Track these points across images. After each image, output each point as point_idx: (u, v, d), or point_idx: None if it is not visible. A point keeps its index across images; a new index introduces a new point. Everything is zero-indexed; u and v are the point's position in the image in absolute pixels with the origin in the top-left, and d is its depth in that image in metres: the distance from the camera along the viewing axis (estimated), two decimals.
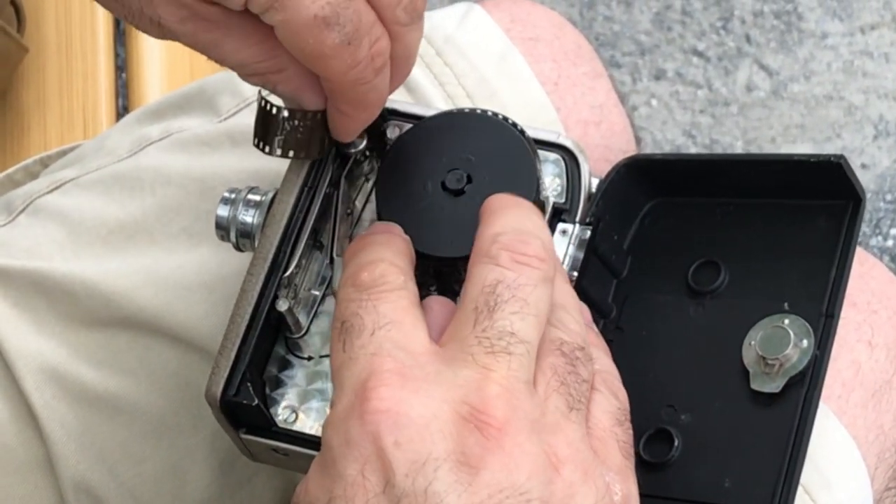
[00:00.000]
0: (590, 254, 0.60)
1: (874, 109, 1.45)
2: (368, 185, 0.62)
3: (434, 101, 0.73)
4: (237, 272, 0.61)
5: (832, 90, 1.46)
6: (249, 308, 0.58)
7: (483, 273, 0.53)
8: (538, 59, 0.75)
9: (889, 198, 1.43)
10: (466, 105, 0.73)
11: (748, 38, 1.49)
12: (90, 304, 0.70)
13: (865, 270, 0.71)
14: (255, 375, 0.58)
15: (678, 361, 0.59)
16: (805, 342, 0.56)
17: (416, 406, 0.50)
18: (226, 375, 0.57)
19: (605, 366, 0.55)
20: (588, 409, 0.53)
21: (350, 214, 0.61)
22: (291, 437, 0.59)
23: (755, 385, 0.56)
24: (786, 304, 0.57)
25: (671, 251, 0.61)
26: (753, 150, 1.44)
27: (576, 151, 0.62)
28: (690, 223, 0.61)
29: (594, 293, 0.60)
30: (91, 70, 0.95)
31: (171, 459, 0.69)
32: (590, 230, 0.60)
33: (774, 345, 0.56)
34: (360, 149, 0.60)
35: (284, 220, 0.59)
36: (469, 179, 0.59)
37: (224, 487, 0.69)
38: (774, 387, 0.56)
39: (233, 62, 0.56)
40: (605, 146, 0.76)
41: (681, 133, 1.45)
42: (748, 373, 0.56)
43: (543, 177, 0.60)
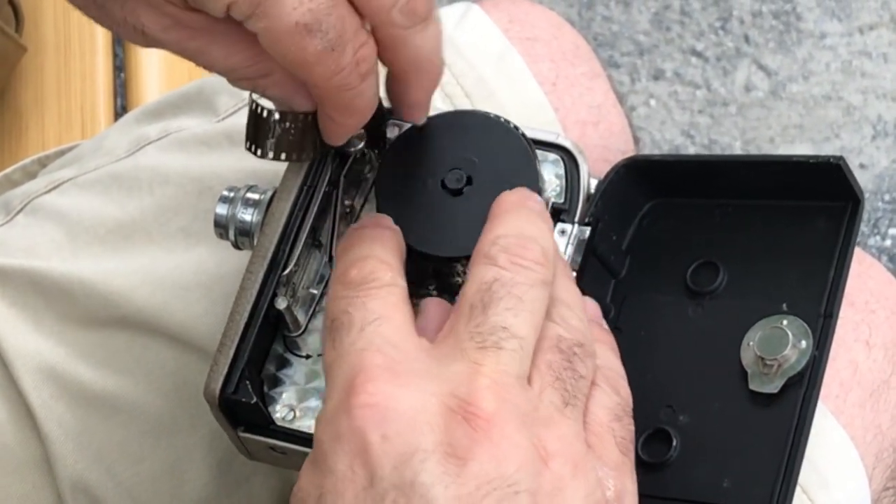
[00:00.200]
0: (588, 254, 0.60)
1: (872, 110, 1.45)
2: (367, 184, 0.62)
3: (432, 101, 0.73)
4: (235, 272, 0.61)
5: (831, 90, 1.46)
6: (248, 306, 0.58)
7: (481, 273, 0.53)
8: (536, 60, 0.75)
9: (887, 198, 1.43)
10: (465, 105, 0.73)
11: (747, 39, 1.49)
12: (88, 304, 0.70)
13: (863, 270, 0.71)
14: (254, 373, 0.58)
15: (677, 362, 0.59)
16: (803, 343, 0.56)
17: (404, 400, 0.50)
18: (224, 373, 0.57)
19: (609, 361, 0.55)
20: (586, 405, 0.53)
21: (349, 213, 0.61)
22: (289, 436, 0.59)
23: (753, 385, 0.56)
24: (784, 305, 0.57)
25: (670, 252, 0.61)
26: (752, 151, 1.44)
27: (575, 152, 0.62)
28: (689, 224, 0.61)
29: (593, 293, 0.60)
30: (89, 70, 0.95)
31: (169, 459, 0.69)
32: (589, 230, 0.60)
33: (773, 345, 0.56)
34: (360, 148, 0.60)
35: (283, 219, 0.59)
36: (468, 179, 0.59)
37: (222, 487, 0.69)
38: (773, 387, 0.56)
39: (221, 68, 0.56)
40: (604, 146, 0.76)
41: (679, 133, 1.45)
42: (746, 373, 0.56)
43: (543, 177, 0.60)
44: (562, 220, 0.60)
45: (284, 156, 0.58)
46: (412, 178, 0.59)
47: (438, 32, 0.56)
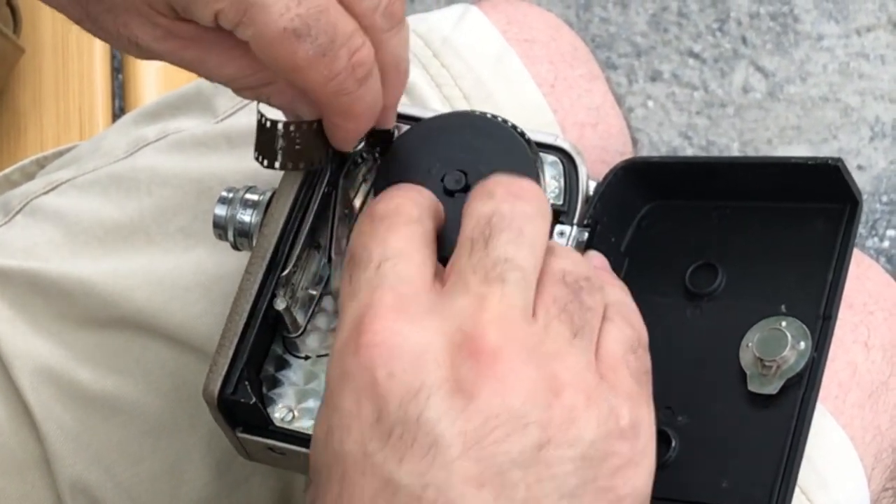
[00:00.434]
0: None
1: (870, 111, 1.46)
2: (367, 186, 0.62)
3: (431, 103, 0.73)
4: (234, 273, 0.61)
5: (828, 92, 1.47)
6: (247, 306, 0.58)
7: (479, 207, 0.53)
8: (535, 61, 0.76)
9: (885, 199, 1.43)
10: (463, 106, 0.73)
11: (744, 40, 1.49)
12: (87, 304, 0.70)
13: (862, 272, 0.71)
14: (253, 374, 0.58)
15: (675, 363, 0.59)
16: (802, 344, 0.56)
17: (411, 337, 0.50)
18: (223, 373, 0.57)
19: (621, 298, 0.55)
20: (598, 339, 0.52)
21: (348, 215, 0.61)
22: (288, 437, 0.59)
23: (752, 387, 0.56)
24: (783, 307, 0.57)
25: (668, 254, 0.61)
26: (750, 152, 1.44)
27: (573, 154, 0.62)
28: (688, 226, 0.61)
29: None
30: (87, 71, 0.95)
31: (168, 459, 0.69)
32: (587, 232, 0.60)
33: (772, 347, 0.56)
34: (359, 149, 0.60)
35: (282, 220, 0.59)
36: (468, 180, 0.59)
37: (221, 487, 0.69)
38: (772, 388, 0.56)
39: (220, 78, 0.56)
40: (602, 148, 0.76)
41: (677, 134, 1.46)
42: (745, 374, 0.56)
43: (544, 178, 0.60)
44: (560, 222, 0.60)
45: (292, 165, 0.58)
46: (412, 179, 0.59)
47: (408, 35, 0.56)
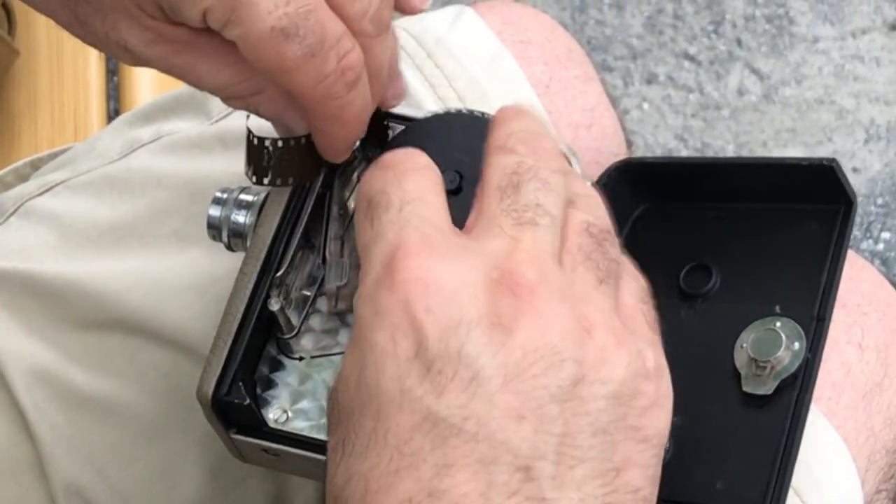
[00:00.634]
0: None
1: (865, 113, 1.46)
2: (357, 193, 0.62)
3: (425, 103, 0.73)
4: (228, 274, 0.61)
5: (823, 94, 1.47)
6: (241, 307, 0.58)
7: (502, 160, 0.53)
8: (529, 62, 0.76)
9: (880, 201, 1.43)
10: (458, 107, 0.73)
11: (739, 42, 1.49)
12: (81, 306, 0.70)
13: (855, 273, 0.71)
14: (247, 375, 0.58)
15: (670, 364, 0.59)
16: (796, 345, 0.56)
17: (446, 273, 0.49)
18: (217, 374, 0.57)
19: (624, 257, 0.55)
20: (617, 288, 0.53)
21: (342, 215, 0.61)
22: (282, 438, 0.58)
23: (747, 387, 0.56)
24: (777, 307, 0.57)
25: (663, 254, 0.61)
26: (745, 154, 1.44)
27: (568, 154, 0.62)
28: (682, 227, 0.61)
29: None
30: (82, 73, 0.95)
31: (162, 462, 0.69)
32: None
33: (766, 347, 0.56)
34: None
35: (276, 221, 0.59)
36: (462, 179, 0.59)
37: (215, 490, 0.69)
38: (766, 389, 0.56)
39: (210, 85, 0.55)
40: (597, 149, 0.76)
41: (672, 137, 1.46)
42: (740, 375, 0.56)
43: None
44: None
45: (282, 181, 0.57)
46: None
47: (395, 44, 0.56)
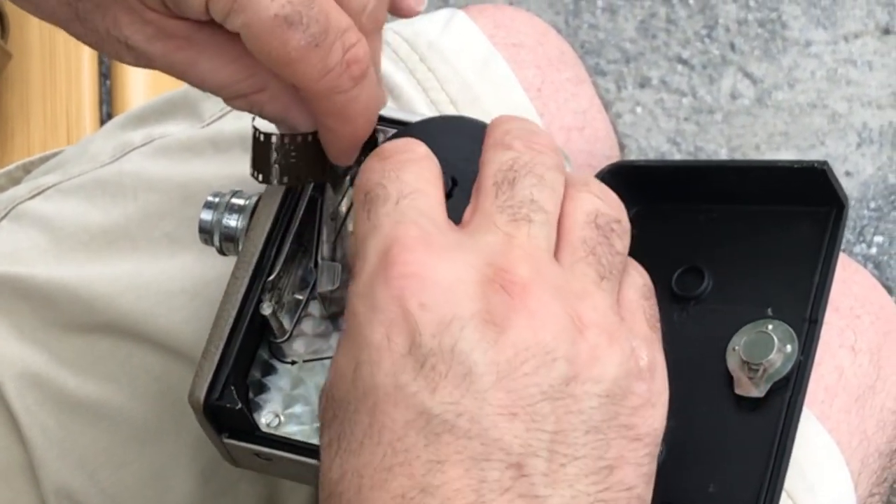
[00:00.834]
0: None
1: (858, 117, 1.46)
2: (353, 190, 0.62)
3: (417, 107, 0.73)
4: (220, 278, 0.61)
5: (816, 98, 1.47)
6: (233, 311, 0.58)
7: (499, 156, 0.53)
8: (522, 65, 0.76)
9: (872, 205, 1.43)
10: (450, 111, 0.73)
11: (732, 47, 1.49)
12: (72, 310, 0.70)
13: (848, 275, 0.71)
14: (239, 379, 0.58)
15: None
16: (789, 347, 0.56)
17: (441, 269, 0.50)
18: (209, 379, 0.57)
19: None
20: (620, 283, 0.53)
21: (334, 219, 0.61)
22: (275, 442, 0.58)
23: (739, 390, 0.56)
24: (769, 310, 0.57)
25: (655, 257, 0.61)
26: (737, 158, 1.44)
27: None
28: (674, 229, 0.61)
29: None
30: (75, 76, 0.95)
31: (154, 466, 0.69)
32: None
33: (758, 350, 0.56)
34: None
35: (269, 224, 0.59)
36: (454, 183, 0.58)
37: (206, 494, 0.69)
38: (758, 392, 0.56)
39: (213, 83, 0.55)
40: (589, 152, 0.76)
41: (665, 140, 1.46)
42: (732, 378, 0.56)
43: None
44: None
45: (287, 180, 0.57)
46: None
47: (382, 42, 0.56)
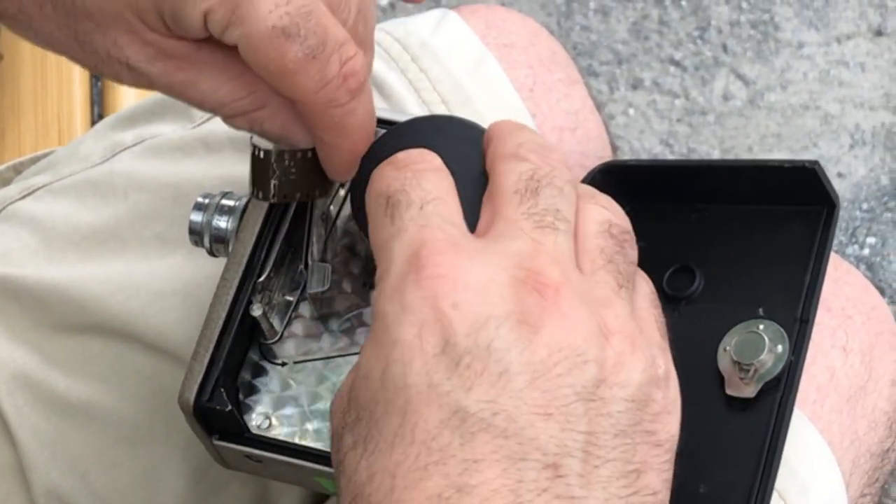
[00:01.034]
0: None
1: (850, 119, 1.46)
2: (342, 191, 0.62)
3: (408, 107, 0.73)
4: (211, 278, 0.61)
5: (808, 99, 1.47)
6: (223, 313, 0.58)
7: (516, 167, 0.53)
8: (513, 66, 0.75)
9: (865, 207, 1.43)
10: (441, 111, 0.73)
11: (725, 48, 1.49)
12: (63, 311, 0.70)
13: (840, 276, 0.71)
14: (229, 381, 0.58)
15: None
16: (780, 347, 0.56)
17: (473, 271, 0.50)
18: (199, 381, 0.57)
19: None
20: (633, 292, 0.53)
21: (325, 220, 0.61)
22: (265, 444, 0.58)
23: (730, 390, 0.56)
24: (760, 310, 0.57)
25: (646, 257, 0.61)
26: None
27: None
28: (665, 229, 0.61)
29: None
30: (66, 77, 0.95)
31: (144, 467, 0.68)
32: None
33: (749, 350, 0.56)
34: None
35: (258, 226, 0.59)
36: None
37: (198, 495, 0.69)
38: (749, 392, 0.56)
39: (213, 102, 0.55)
40: (581, 152, 0.76)
41: (658, 142, 1.46)
42: (723, 378, 0.56)
43: None
44: None
45: (287, 196, 0.57)
46: None
47: (373, 55, 0.56)
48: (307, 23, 0.52)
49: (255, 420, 0.59)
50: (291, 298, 0.60)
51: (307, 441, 0.58)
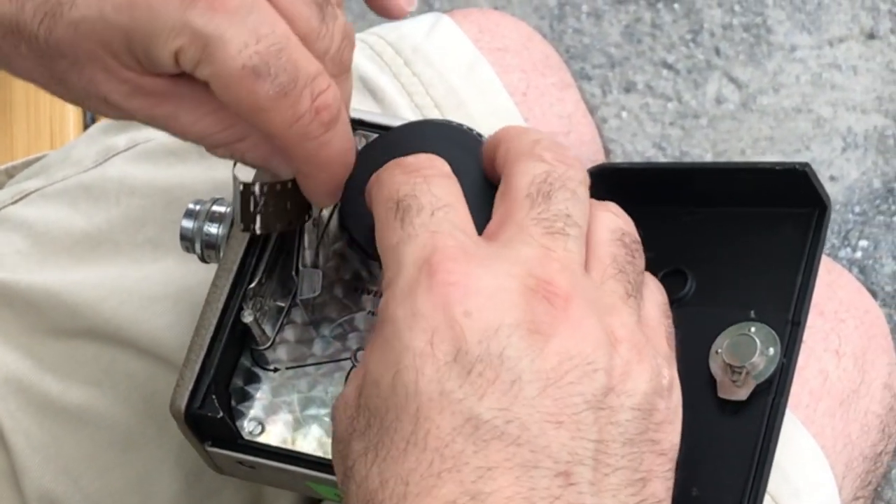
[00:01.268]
0: None
1: (842, 122, 1.46)
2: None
3: (401, 111, 0.73)
4: (203, 283, 0.61)
5: (801, 103, 1.47)
6: (214, 320, 0.58)
7: (531, 167, 0.53)
8: (507, 70, 0.75)
9: (857, 209, 1.43)
10: (434, 115, 0.73)
11: (717, 51, 1.49)
12: (55, 315, 0.69)
13: (833, 279, 0.71)
14: (221, 388, 0.58)
15: None
16: (771, 350, 0.56)
17: (484, 279, 0.50)
18: (190, 388, 0.57)
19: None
20: (641, 300, 0.54)
21: (316, 226, 0.61)
22: (257, 450, 0.58)
23: (722, 393, 0.56)
24: (752, 312, 0.57)
25: None
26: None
27: None
28: (656, 232, 0.61)
29: None
30: None
31: (137, 471, 0.68)
32: None
33: (741, 353, 0.56)
34: None
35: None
36: None
37: (190, 499, 0.69)
38: (741, 395, 0.55)
39: (193, 135, 0.55)
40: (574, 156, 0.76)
41: (651, 145, 1.46)
42: (715, 381, 0.56)
43: None
44: None
45: (272, 227, 0.57)
46: None
47: (351, 89, 0.56)
48: (278, 60, 0.51)
49: (248, 426, 0.59)
50: (283, 304, 0.60)
51: (300, 447, 0.58)
